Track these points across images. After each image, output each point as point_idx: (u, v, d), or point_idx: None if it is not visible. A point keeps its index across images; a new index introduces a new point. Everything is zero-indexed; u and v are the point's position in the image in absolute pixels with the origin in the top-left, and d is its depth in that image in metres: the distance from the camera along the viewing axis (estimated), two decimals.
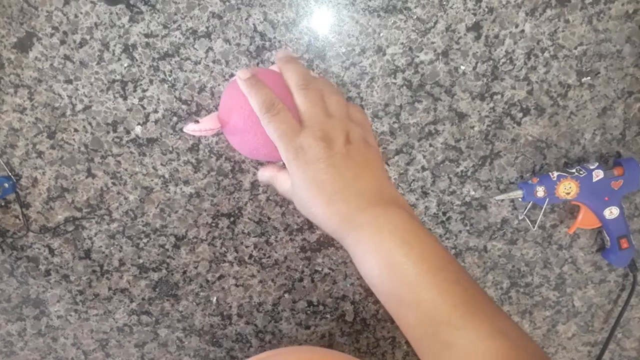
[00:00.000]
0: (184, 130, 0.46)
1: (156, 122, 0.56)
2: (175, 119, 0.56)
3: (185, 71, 0.54)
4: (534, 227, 0.62)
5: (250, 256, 0.62)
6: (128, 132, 0.56)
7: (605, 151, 0.60)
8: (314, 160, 0.39)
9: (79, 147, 0.57)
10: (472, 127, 0.58)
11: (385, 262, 0.37)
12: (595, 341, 0.70)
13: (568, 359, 0.71)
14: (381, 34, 0.54)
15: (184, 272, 0.63)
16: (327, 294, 0.65)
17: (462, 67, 0.55)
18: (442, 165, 0.59)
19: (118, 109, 0.56)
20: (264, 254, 0.62)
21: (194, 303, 0.64)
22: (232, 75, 0.55)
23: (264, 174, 0.47)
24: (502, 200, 0.61)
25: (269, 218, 0.61)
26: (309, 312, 0.66)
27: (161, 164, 0.58)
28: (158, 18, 0.52)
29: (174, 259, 0.62)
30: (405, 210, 0.40)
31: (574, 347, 0.70)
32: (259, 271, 0.63)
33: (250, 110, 0.43)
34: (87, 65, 0.54)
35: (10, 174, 0.57)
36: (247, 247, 0.62)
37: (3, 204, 0.59)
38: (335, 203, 0.39)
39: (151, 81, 0.55)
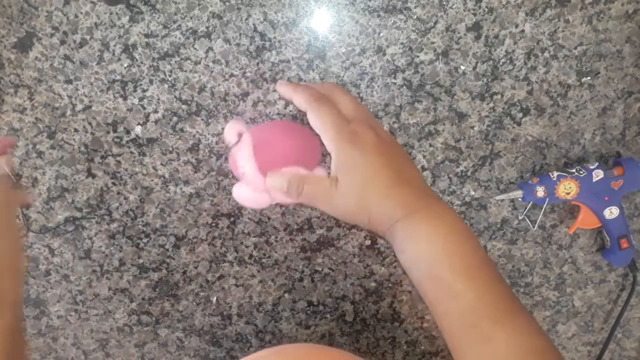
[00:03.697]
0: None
1: (156, 122, 0.56)
2: (175, 119, 0.56)
3: (185, 71, 0.54)
4: (534, 227, 0.62)
5: (250, 256, 0.62)
6: (128, 132, 0.56)
7: (605, 151, 0.60)
8: (371, 145, 0.39)
9: (79, 147, 0.57)
10: (472, 127, 0.58)
11: (440, 247, 0.37)
12: (595, 341, 0.70)
13: (568, 359, 0.71)
14: (381, 34, 0.54)
15: (184, 272, 0.63)
16: (327, 294, 0.65)
17: (462, 67, 0.55)
18: (442, 165, 0.59)
19: (118, 109, 0.56)
20: (264, 254, 0.62)
21: (194, 303, 0.64)
22: (232, 75, 0.55)
23: (287, 177, 0.41)
24: (502, 200, 0.61)
25: (269, 218, 0.61)
26: (309, 312, 0.66)
27: (161, 164, 0.58)
28: (158, 18, 0.52)
29: (174, 259, 0.62)
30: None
31: (574, 347, 0.70)
32: (259, 271, 0.63)
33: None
34: (87, 65, 0.54)
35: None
36: (247, 247, 0.62)
37: None
38: (396, 187, 0.39)
39: (151, 81, 0.55)
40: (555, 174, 0.58)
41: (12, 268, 0.40)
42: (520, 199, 0.59)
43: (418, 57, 0.55)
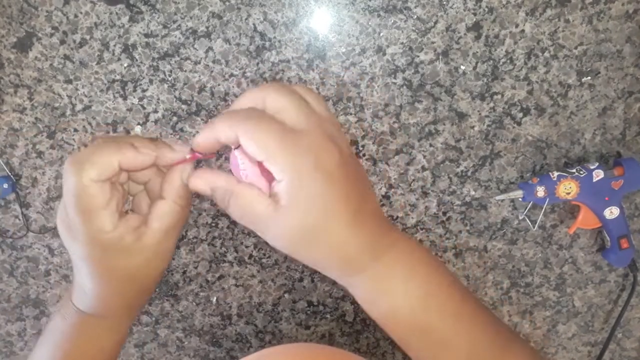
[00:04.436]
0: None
1: (156, 122, 0.56)
2: (175, 118, 0.56)
3: (185, 71, 0.54)
4: (534, 227, 0.62)
5: (250, 256, 0.62)
6: (128, 132, 0.56)
7: (605, 151, 0.60)
8: (332, 166, 0.29)
9: (78, 147, 0.57)
10: (472, 127, 0.58)
11: (422, 293, 0.32)
12: (595, 341, 0.70)
13: (568, 359, 0.71)
14: (381, 34, 0.54)
15: (184, 272, 0.63)
16: (327, 294, 0.65)
17: (462, 67, 0.55)
18: (442, 165, 0.59)
19: (118, 109, 0.56)
20: (264, 254, 0.62)
21: (194, 303, 0.64)
22: (232, 75, 0.55)
23: (213, 183, 0.32)
24: (503, 200, 0.61)
25: None
26: (309, 312, 0.66)
27: None
28: (158, 18, 0.52)
29: (173, 259, 0.62)
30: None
31: (574, 347, 0.70)
32: (259, 271, 0.63)
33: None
34: (87, 65, 0.54)
35: (10, 174, 0.57)
36: (247, 247, 0.62)
37: (3, 204, 0.59)
38: (362, 223, 0.30)
39: (151, 81, 0.55)
40: (556, 174, 0.58)
41: (152, 288, 0.40)
42: (520, 199, 0.59)
43: (418, 57, 0.55)
